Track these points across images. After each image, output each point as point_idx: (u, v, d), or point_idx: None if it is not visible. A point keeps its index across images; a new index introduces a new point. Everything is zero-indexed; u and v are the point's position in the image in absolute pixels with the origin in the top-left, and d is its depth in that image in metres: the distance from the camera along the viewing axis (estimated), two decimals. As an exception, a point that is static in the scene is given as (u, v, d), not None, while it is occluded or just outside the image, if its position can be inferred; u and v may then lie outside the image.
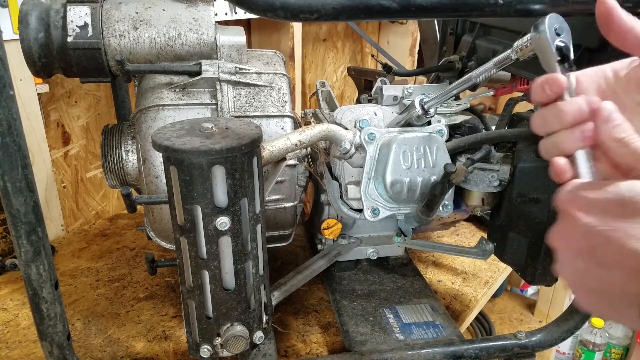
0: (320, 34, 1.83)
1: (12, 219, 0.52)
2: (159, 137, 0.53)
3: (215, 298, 0.57)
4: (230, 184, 0.53)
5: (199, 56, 0.74)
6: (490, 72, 0.54)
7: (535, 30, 0.44)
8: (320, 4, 0.46)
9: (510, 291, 2.07)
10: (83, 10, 0.69)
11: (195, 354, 0.61)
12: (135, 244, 1.11)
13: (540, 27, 0.43)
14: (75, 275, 0.98)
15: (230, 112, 0.73)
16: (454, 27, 0.97)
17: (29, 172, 0.51)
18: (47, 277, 0.55)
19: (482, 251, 0.84)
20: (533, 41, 0.45)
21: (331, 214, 0.90)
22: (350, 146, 0.69)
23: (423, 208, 0.69)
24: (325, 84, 0.95)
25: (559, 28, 0.43)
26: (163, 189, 0.70)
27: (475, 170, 0.73)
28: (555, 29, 0.43)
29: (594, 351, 1.95)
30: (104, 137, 0.75)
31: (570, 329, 0.77)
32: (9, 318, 0.86)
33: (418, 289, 0.92)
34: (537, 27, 0.44)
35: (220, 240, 0.55)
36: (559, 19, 0.43)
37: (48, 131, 1.10)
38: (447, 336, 0.78)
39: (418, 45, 1.99)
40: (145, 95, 0.73)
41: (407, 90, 0.78)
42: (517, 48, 0.48)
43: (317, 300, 0.91)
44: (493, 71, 0.53)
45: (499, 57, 0.51)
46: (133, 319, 0.85)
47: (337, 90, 2.01)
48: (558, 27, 0.43)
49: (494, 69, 0.53)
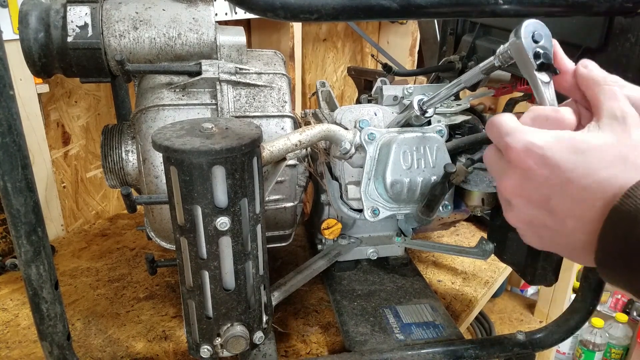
0: (320, 34, 1.83)
1: (12, 219, 0.52)
2: (159, 137, 0.53)
3: (215, 298, 0.57)
4: (230, 184, 0.53)
5: (199, 56, 0.74)
6: (478, 77, 0.53)
7: (514, 36, 0.43)
8: (320, 4, 0.46)
9: (510, 291, 2.07)
10: (83, 10, 0.69)
11: (195, 354, 0.61)
12: (135, 244, 1.11)
13: (517, 33, 0.42)
14: (75, 275, 0.98)
15: (230, 112, 0.73)
16: (454, 27, 0.97)
17: (29, 172, 0.51)
18: (47, 277, 0.55)
19: (482, 251, 0.84)
20: (511, 49, 0.44)
21: (331, 214, 0.90)
22: (350, 146, 0.69)
23: (423, 208, 0.69)
24: (325, 84, 0.95)
25: (537, 34, 0.42)
26: (163, 189, 0.70)
27: (475, 170, 0.73)
28: (533, 36, 0.42)
29: (594, 351, 1.95)
30: (104, 137, 0.75)
31: (570, 329, 0.77)
32: (9, 318, 0.86)
33: (418, 289, 0.92)
34: (515, 33, 0.43)
35: (220, 240, 0.55)
36: (537, 25, 0.42)
37: (48, 131, 1.10)
38: (447, 336, 0.78)
39: (418, 45, 2.00)
40: (145, 95, 0.73)
41: (407, 90, 0.77)
42: (499, 55, 0.47)
43: (317, 300, 0.91)
44: (481, 77, 0.53)
45: (484, 63, 0.51)
46: (133, 319, 0.86)
47: (337, 90, 2.01)
48: (536, 34, 0.42)
49: (481, 75, 0.52)
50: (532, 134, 0.37)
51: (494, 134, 0.40)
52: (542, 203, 0.37)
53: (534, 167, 0.36)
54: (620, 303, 2.19)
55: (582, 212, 0.35)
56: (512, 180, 0.39)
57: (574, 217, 0.36)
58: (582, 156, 0.35)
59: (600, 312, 2.14)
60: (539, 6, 0.52)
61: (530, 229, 0.40)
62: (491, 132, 0.41)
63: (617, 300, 2.20)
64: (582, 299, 0.75)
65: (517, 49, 0.43)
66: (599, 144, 0.35)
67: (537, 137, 0.37)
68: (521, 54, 0.42)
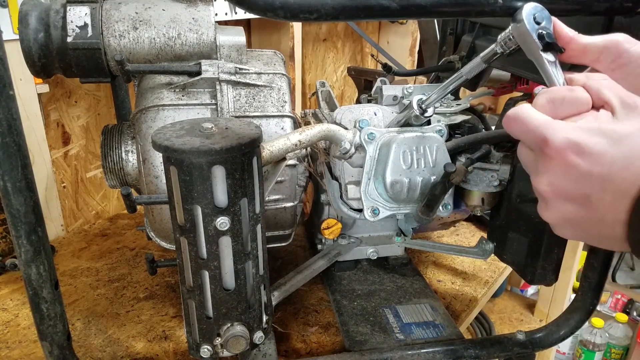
0: (320, 34, 1.83)
1: (12, 219, 0.52)
2: (158, 137, 0.53)
3: (215, 298, 0.57)
4: (230, 184, 0.53)
5: (198, 56, 0.74)
6: (480, 67, 0.53)
7: (514, 21, 0.43)
8: (320, 4, 0.46)
9: (510, 291, 2.07)
10: (83, 11, 0.69)
11: (196, 354, 0.61)
12: (135, 244, 1.11)
13: (518, 17, 0.42)
14: (75, 275, 0.98)
15: (230, 112, 0.73)
16: (454, 27, 0.97)
17: (29, 172, 0.51)
18: (47, 277, 0.55)
19: (482, 251, 0.84)
20: (514, 33, 0.44)
21: (331, 214, 0.90)
22: (350, 146, 0.69)
23: (423, 208, 0.69)
24: (325, 84, 0.95)
25: (538, 16, 0.42)
26: (163, 189, 0.70)
27: (475, 170, 0.73)
28: (535, 18, 0.42)
29: (594, 351, 1.95)
30: (103, 137, 0.75)
31: (570, 329, 0.77)
32: (9, 318, 0.86)
33: (418, 289, 0.92)
34: (515, 18, 0.42)
35: (220, 240, 0.55)
36: (537, 8, 0.42)
37: (48, 131, 1.11)
38: (447, 336, 0.78)
39: (418, 45, 2.00)
40: (145, 96, 0.73)
41: (407, 90, 0.78)
42: (502, 41, 0.47)
43: (317, 300, 0.91)
44: (482, 66, 0.53)
45: (486, 51, 0.50)
46: (133, 319, 0.86)
47: (337, 90, 2.01)
48: (537, 15, 0.42)
49: (483, 64, 0.52)
50: (566, 129, 0.36)
51: (519, 129, 0.39)
52: (582, 199, 0.36)
53: (576, 162, 0.36)
54: (620, 303, 2.19)
55: (622, 206, 0.35)
56: (550, 177, 0.38)
57: (614, 211, 0.35)
58: (617, 147, 0.34)
59: (600, 312, 2.14)
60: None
61: (567, 224, 0.39)
62: (514, 128, 0.39)
63: (617, 300, 2.20)
64: (582, 298, 0.75)
65: (521, 32, 0.42)
66: (628, 133, 0.35)
67: (572, 131, 0.36)
68: (525, 37, 0.42)
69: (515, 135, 0.40)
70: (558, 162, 0.37)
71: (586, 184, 0.36)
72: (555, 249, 0.72)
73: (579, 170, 0.36)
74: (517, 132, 0.40)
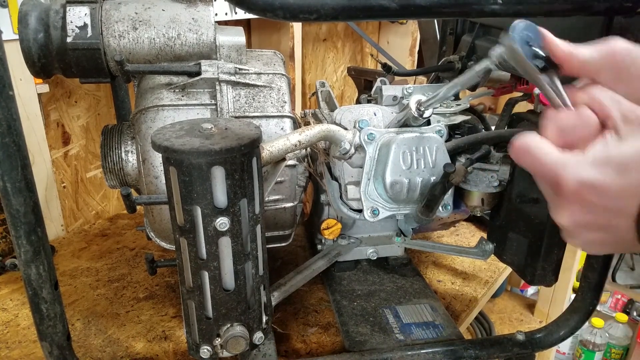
0: (320, 34, 1.83)
1: (12, 219, 0.52)
2: (158, 137, 0.53)
3: (215, 298, 0.57)
4: (229, 184, 0.53)
5: (198, 56, 0.74)
6: (475, 80, 0.53)
7: (505, 46, 0.41)
8: (320, 4, 0.46)
9: (510, 291, 2.07)
10: (82, 11, 0.69)
11: (195, 355, 0.61)
12: (135, 244, 1.11)
13: (507, 42, 0.40)
14: (75, 275, 0.98)
15: (230, 112, 0.73)
16: (454, 27, 0.97)
17: (28, 172, 0.51)
18: (47, 277, 0.55)
19: (482, 251, 0.84)
20: (507, 55, 0.42)
21: (331, 214, 0.90)
22: (350, 146, 0.69)
23: (423, 208, 0.69)
24: (325, 84, 0.95)
25: (528, 37, 0.40)
26: (163, 190, 0.70)
27: (475, 170, 0.73)
28: (527, 40, 0.40)
29: (594, 351, 1.95)
30: (103, 138, 0.75)
31: (570, 329, 0.77)
32: (9, 318, 0.86)
33: (418, 289, 0.92)
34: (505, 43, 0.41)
35: (219, 240, 0.55)
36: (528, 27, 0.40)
37: (48, 131, 1.11)
38: (447, 336, 0.78)
39: (418, 45, 1.99)
40: (145, 96, 0.73)
41: (406, 90, 0.77)
42: (495, 60, 0.45)
43: (317, 300, 0.91)
44: (477, 80, 0.52)
45: (479, 67, 0.49)
46: (133, 319, 0.86)
47: (337, 90, 2.01)
48: (527, 36, 0.40)
49: (477, 78, 0.52)
50: (578, 168, 0.37)
51: (530, 165, 0.40)
52: (602, 227, 0.38)
53: (590, 200, 0.37)
54: (620, 303, 2.19)
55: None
56: (569, 213, 0.39)
57: (633, 230, 0.37)
58: (628, 175, 0.36)
59: (600, 312, 2.14)
60: (538, 6, 0.52)
61: (593, 246, 0.41)
62: (525, 162, 0.40)
63: (617, 300, 2.20)
64: (582, 298, 0.75)
65: (515, 57, 0.41)
66: (632, 154, 0.36)
67: (584, 171, 0.37)
68: (520, 61, 0.41)
69: (526, 169, 0.41)
70: (574, 201, 0.38)
71: (604, 216, 0.38)
72: (555, 250, 0.72)
73: (595, 205, 0.37)
74: (528, 167, 0.40)
